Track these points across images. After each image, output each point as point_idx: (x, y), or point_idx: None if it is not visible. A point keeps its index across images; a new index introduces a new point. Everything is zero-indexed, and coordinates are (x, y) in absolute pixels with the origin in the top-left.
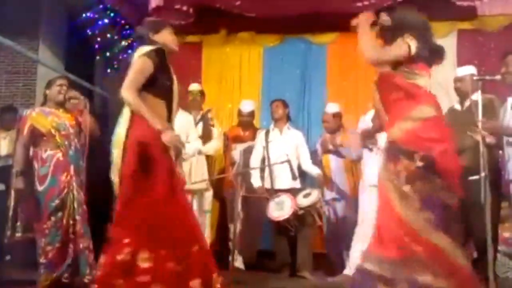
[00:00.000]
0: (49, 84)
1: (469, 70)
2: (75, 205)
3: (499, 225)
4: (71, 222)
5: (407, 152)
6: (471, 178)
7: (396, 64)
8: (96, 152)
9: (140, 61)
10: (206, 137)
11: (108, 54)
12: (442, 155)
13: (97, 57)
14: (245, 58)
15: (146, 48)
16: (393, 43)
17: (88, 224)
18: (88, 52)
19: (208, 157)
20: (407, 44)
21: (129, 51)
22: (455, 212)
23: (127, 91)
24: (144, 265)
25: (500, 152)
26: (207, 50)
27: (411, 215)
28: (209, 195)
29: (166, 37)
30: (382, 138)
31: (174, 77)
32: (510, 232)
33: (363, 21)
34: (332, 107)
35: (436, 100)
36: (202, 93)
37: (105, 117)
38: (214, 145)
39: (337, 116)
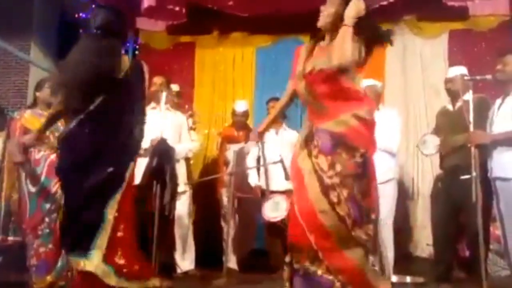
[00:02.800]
0: (38, 86)
1: (460, 70)
2: None
3: (490, 223)
4: None
5: (350, 147)
6: (462, 177)
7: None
8: None
9: None
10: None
11: None
12: (371, 158)
13: None
14: (238, 59)
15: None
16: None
17: None
18: None
19: (189, 159)
20: (359, 49)
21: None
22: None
23: None
24: None
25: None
26: (200, 50)
27: (326, 209)
28: (187, 197)
29: None
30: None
31: None
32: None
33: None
34: None
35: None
36: (177, 94)
37: None
38: (190, 146)
39: None
